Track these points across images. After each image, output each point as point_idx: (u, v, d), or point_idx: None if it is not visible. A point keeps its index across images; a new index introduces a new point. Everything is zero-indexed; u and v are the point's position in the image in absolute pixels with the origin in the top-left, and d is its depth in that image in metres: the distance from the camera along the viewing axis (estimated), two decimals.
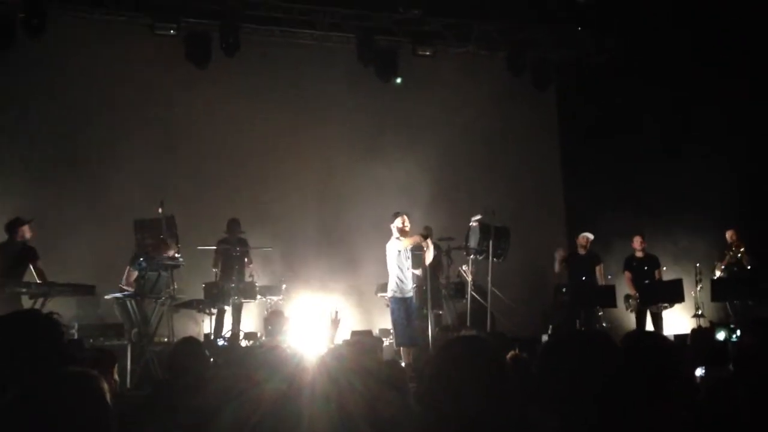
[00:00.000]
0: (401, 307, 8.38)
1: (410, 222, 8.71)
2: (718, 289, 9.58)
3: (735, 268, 9.72)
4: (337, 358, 2.63)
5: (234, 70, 11.53)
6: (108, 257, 9.64)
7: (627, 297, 10.29)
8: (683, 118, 11.00)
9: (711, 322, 9.12)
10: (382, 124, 12.36)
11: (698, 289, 10.05)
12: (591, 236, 10.62)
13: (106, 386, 1.93)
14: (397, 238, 8.48)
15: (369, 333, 9.16)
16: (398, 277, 8.43)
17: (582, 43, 12.37)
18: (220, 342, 8.12)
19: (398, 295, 8.43)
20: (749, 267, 9.60)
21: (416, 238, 8.52)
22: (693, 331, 5.75)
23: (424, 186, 12.05)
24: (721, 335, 7.54)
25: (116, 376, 4.75)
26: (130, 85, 11.06)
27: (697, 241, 10.54)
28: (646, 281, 10.22)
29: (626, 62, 11.66)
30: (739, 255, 9.63)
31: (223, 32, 11.02)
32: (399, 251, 8.44)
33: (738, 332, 7.34)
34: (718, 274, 9.89)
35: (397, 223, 8.55)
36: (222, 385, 3.51)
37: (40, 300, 7.73)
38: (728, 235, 9.88)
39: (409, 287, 8.49)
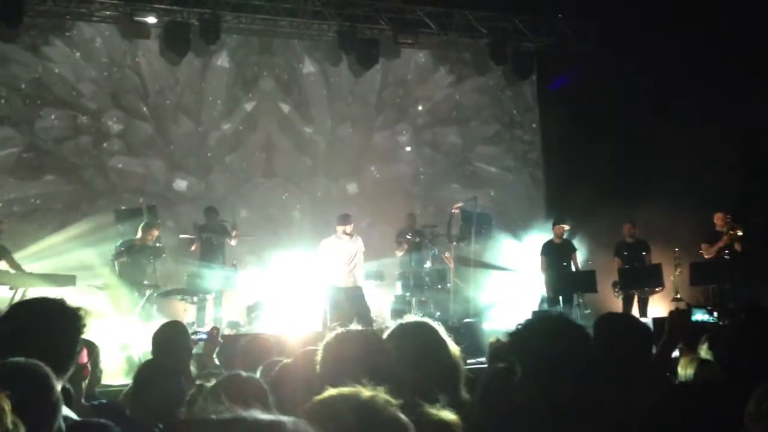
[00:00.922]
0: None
1: (394, 208, 8.92)
2: (696, 274, 9.68)
3: (726, 251, 9.72)
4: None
5: (214, 57, 11.52)
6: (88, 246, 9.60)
7: (615, 283, 10.36)
8: (664, 105, 11.06)
9: (688, 304, 9.20)
10: (362, 110, 12.40)
11: (677, 273, 10.12)
12: (567, 226, 10.72)
13: (54, 382, 1.95)
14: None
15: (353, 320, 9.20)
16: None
17: (563, 31, 12.41)
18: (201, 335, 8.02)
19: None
20: (739, 251, 9.59)
21: None
22: (670, 312, 5.83)
23: (406, 172, 12.16)
24: (698, 316, 7.60)
25: (101, 366, 4.74)
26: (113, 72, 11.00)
27: (677, 227, 10.63)
28: (626, 266, 10.31)
29: (607, 50, 11.72)
30: (736, 237, 9.59)
31: (203, 20, 10.93)
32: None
33: (715, 314, 7.41)
34: (707, 257, 9.94)
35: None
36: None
37: (20, 290, 7.70)
38: (718, 218, 9.84)
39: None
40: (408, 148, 12.66)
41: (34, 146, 10.64)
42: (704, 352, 4.07)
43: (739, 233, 9.51)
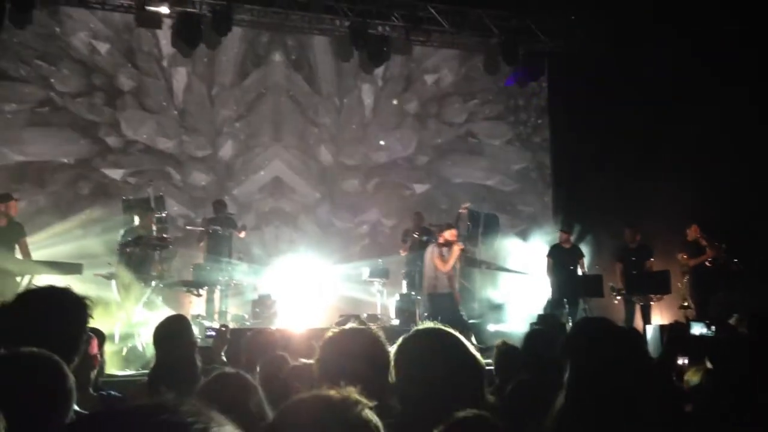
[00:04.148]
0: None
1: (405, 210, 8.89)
2: (698, 282, 9.69)
3: (709, 263, 9.72)
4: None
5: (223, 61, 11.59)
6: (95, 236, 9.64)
7: (613, 288, 10.33)
8: (670, 108, 10.98)
9: (687, 317, 9.15)
10: (370, 117, 12.40)
11: (685, 280, 10.07)
12: (572, 236, 10.76)
13: (68, 370, 1.94)
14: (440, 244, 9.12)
15: (357, 317, 9.17)
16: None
17: (575, 33, 12.34)
18: (209, 331, 7.97)
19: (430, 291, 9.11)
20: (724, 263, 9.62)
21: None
22: (669, 326, 5.80)
23: (416, 172, 12.15)
24: (696, 330, 7.51)
25: (105, 356, 4.74)
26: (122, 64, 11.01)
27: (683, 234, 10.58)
28: (634, 272, 10.27)
29: (618, 53, 11.65)
30: (722, 250, 9.60)
31: (215, 11, 10.90)
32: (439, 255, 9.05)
33: (713, 327, 7.32)
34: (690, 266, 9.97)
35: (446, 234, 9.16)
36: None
37: (27, 277, 7.71)
38: (694, 230, 9.84)
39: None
40: (413, 119, 12.66)
41: (48, 101, 10.79)
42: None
43: (723, 246, 9.53)
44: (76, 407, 2.16)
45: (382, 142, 12.47)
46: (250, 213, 11.56)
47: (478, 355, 2.21)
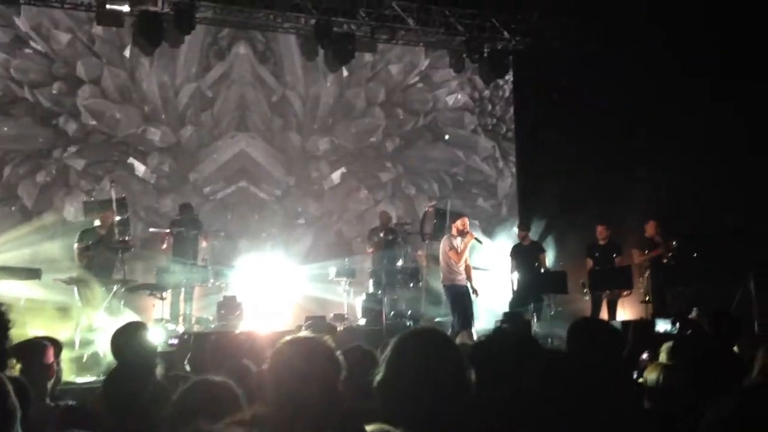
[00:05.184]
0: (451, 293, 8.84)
1: (370, 207, 8.83)
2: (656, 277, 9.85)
3: (664, 260, 9.89)
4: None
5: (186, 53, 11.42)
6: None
7: (583, 283, 10.42)
8: (638, 108, 11.13)
9: (652, 315, 9.27)
10: (336, 106, 12.37)
11: (646, 275, 10.20)
12: (529, 232, 10.87)
13: (9, 387, 1.88)
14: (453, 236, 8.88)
15: (323, 318, 9.15)
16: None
17: (540, 31, 12.43)
18: (172, 339, 7.81)
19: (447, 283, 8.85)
20: (667, 261, 9.80)
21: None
22: (634, 323, 5.89)
23: (382, 160, 12.17)
24: (661, 327, 7.56)
25: (62, 365, 4.63)
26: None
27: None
28: (597, 268, 10.37)
29: (584, 51, 11.76)
30: (671, 248, 9.76)
31: (177, 9, 10.74)
32: (452, 247, 8.79)
33: (677, 325, 7.41)
34: (637, 262, 10.13)
35: (458, 224, 8.91)
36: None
37: None
38: (651, 227, 10.00)
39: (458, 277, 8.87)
40: (379, 108, 12.67)
41: (8, 90, 10.60)
42: (664, 357, 4.15)
43: (674, 244, 9.69)
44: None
45: (348, 131, 12.45)
46: (215, 204, 11.46)
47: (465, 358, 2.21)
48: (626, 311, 10.68)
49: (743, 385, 2.75)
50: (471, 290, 8.91)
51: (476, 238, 8.99)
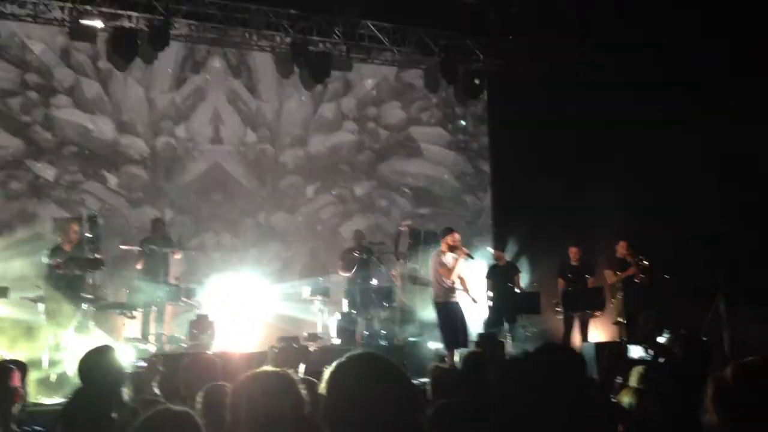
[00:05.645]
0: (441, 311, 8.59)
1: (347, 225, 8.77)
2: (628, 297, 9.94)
3: (635, 280, 9.98)
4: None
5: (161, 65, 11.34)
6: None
7: (557, 303, 10.48)
8: (610, 129, 11.27)
9: (622, 339, 9.31)
10: (312, 123, 12.38)
11: (618, 296, 10.28)
12: (504, 253, 10.96)
13: None
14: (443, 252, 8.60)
15: (296, 339, 9.07)
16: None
17: (513, 52, 12.57)
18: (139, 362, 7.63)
19: (439, 300, 8.62)
20: (640, 281, 9.89)
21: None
22: (608, 346, 5.88)
23: (356, 174, 12.18)
24: (635, 353, 7.55)
25: (28, 387, 4.53)
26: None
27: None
28: (569, 288, 10.44)
29: (557, 73, 11.92)
30: (644, 267, 9.86)
31: (152, 26, 10.69)
32: (442, 264, 8.54)
33: (650, 351, 7.44)
34: (609, 283, 10.22)
35: (448, 239, 8.64)
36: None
37: None
38: (622, 246, 10.12)
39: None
40: (353, 121, 12.69)
41: None
42: (634, 381, 4.18)
43: (645, 262, 9.80)
44: None
45: (322, 145, 12.45)
46: (188, 217, 11.37)
47: (410, 380, 2.17)
48: (599, 331, 10.74)
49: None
50: (471, 300, 8.85)
51: (468, 254, 8.66)
